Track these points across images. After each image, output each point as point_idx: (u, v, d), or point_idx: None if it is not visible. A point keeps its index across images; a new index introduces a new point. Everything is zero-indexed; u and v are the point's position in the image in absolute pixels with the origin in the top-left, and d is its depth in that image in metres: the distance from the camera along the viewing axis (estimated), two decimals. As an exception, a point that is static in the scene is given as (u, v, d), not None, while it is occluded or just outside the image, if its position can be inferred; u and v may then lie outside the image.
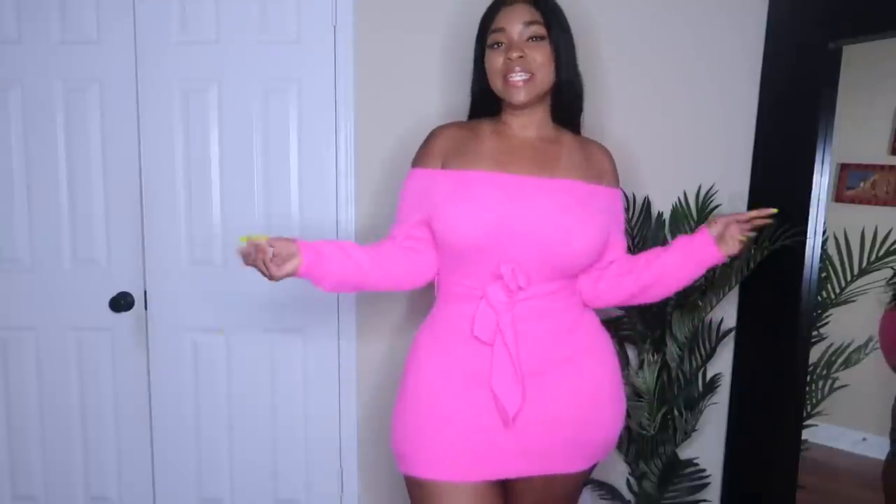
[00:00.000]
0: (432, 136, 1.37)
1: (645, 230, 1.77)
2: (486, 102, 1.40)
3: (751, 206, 1.80)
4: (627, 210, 1.76)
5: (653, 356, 1.69)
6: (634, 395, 1.79)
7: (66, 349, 1.96)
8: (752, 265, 1.63)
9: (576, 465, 1.34)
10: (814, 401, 1.70)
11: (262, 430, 1.97)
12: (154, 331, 1.93)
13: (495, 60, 1.30)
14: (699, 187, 1.80)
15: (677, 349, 1.69)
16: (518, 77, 1.28)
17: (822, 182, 1.57)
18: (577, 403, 1.31)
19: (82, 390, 1.97)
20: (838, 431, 1.83)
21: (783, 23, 1.70)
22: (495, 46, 1.31)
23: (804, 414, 1.67)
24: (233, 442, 1.98)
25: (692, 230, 1.75)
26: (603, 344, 1.39)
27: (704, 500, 1.84)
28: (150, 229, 1.90)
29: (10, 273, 1.93)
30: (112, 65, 1.85)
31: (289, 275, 1.21)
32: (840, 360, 1.68)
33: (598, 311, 1.44)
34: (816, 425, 1.70)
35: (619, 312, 1.82)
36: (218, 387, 1.95)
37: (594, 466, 1.40)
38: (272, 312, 1.92)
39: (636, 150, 1.81)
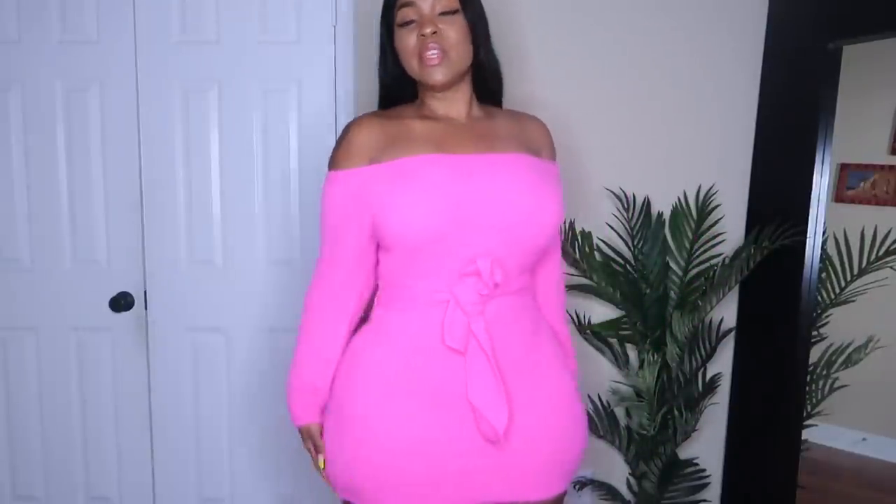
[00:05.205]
0: (349, 132, 1.16)
1: (645, 230, 1.77)
2: (401, 88, 1.24)
3: (751, 206, 1.81)
4: (627, 210, 1.77)
5: (653, 356, 1.69)
6: (634, 395, 1.80)
7: (66, 349, 1.95)
8: (752, 265, 1.63)
9: (554, 488, 1.20)
10: (814, 401, 1.70)
11: (262, 430, 1.97)
12: (154, 331, 1.93)
13: (407, 40, 1.15)
14: (699, 187, 1.80)
15: (677, 349, 1.69)
16: (433, 53, 1.13)
17: (822, 182, 1.57)
18: (558, 414, 1.19)
19: (82, 390, 1.97)
20: (838, 431, 1.83)
21: (783, 23, 1.70)
22: (406, 25, 1.15)
23: (804, 414, 1.67)
24: (233, 442, 1.98)
25: (692, 230, 1.75)
26: (560, 348, 1.28)
27: (704, 500, 1.84)
28: (150, 229, 1.90)
29: (10, 273, 1.93)
30: (112, 65, 1.85)
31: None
32: (840, 360, 1.69)
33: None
34: (816, 425, 1.71)
35: (620, 312, 1.82)
36: (218, 387, 1.95)
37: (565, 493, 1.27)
38: (272, 312, 1.92)
39: (636, 149, 1.81)
